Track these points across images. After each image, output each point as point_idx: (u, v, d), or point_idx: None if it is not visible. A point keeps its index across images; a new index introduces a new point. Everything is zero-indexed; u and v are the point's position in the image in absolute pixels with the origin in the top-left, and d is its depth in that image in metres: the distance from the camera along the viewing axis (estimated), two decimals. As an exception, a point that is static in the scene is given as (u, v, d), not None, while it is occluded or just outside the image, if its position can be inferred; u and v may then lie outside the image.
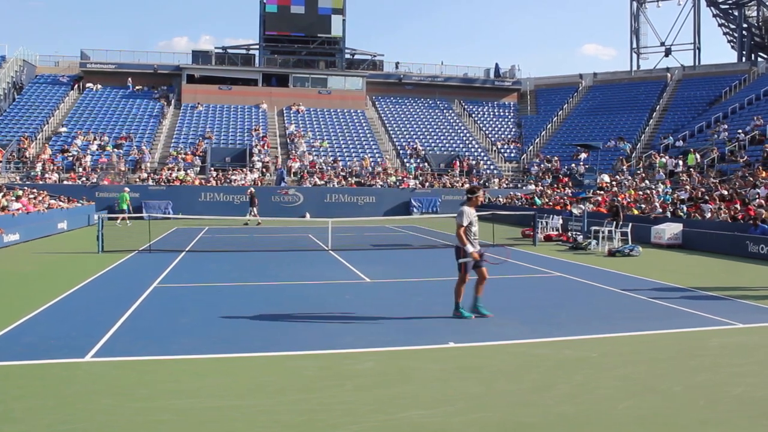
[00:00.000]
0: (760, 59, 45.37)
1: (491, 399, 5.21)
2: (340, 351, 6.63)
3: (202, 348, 6.71)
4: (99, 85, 41.91)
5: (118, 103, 40.34)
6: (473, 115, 45.72)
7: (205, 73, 43.18)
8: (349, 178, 34.30)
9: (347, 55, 46.63)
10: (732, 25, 47.92)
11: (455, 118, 44.87)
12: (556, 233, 20.58)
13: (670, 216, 20.10)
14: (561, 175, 35.43)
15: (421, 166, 37.43)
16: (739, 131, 29.13)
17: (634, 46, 48.44)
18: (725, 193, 20.65)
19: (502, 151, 41.32)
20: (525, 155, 40.79)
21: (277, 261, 14.42)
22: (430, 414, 4.86)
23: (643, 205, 22.44)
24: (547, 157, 38.89)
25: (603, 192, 26.45)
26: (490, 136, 43.17)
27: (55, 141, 34.89)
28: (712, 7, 47.27)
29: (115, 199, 28.75)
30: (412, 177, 35.25)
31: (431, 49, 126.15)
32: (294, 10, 44.38)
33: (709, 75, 42.96)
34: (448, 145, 40.92)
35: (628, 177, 30.07)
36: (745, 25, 45.52)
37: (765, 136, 27.49)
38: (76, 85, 41.57)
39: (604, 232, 17.93)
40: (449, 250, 17.68)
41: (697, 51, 46.20)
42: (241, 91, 42.70)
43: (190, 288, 10.78)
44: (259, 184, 32.37)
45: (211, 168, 33.74)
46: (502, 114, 46.70)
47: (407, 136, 41.19)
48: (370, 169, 35.54)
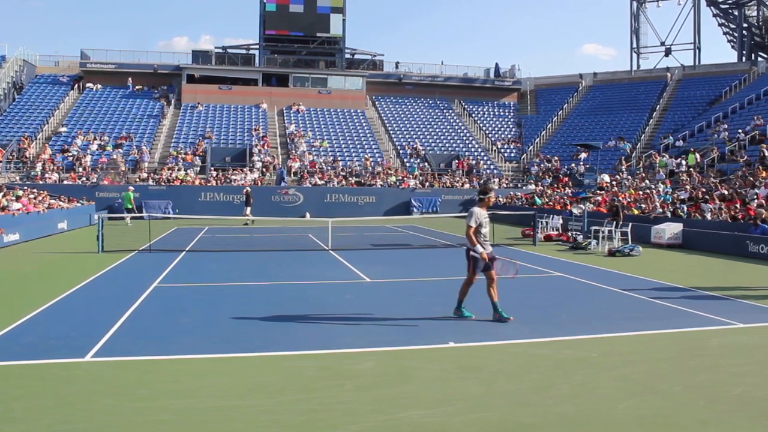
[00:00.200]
0: (760, 59, 45.34)
1: (491, 399, 5.22)
2: (340, 351, 6.63)
3: (202, 348, 6.72)
4: (99, 85, 41.90)
5: (118, 103, 40.33)
6: (473, 115, 45.70)
7: (205, 73, 43.17)
8: (350, 178, 34.30)
9: (347, 55, 46.60)
10: (732, 25, 47.90)
11: (455, 118, 44.86)
12: (556, 233, 20.58)
13: (670, 216, 20.11)
14: (561, 175, 35.41)
15: (421, 165, 37.44)
16: (739, 131, 29.13)
17: (634, 45, 48.40)
18: (725, 192, 20.65)
19: (502, 151, 41.31)
20: (525, 155, 40.77)
21: (277, 261, 14.42)
22: (430, 414, 4.87)
23: (643, 205, 22.45)
24: (547, 156, 38.87)
25: (603, 192, 26.44)
26: (490, 136, 43.16)
27: (55, 141, 34.88)
28: (712, 7, 47.24)
29: (115, 199, 28.81)
30: (412, 177, 35.23)
31: (431, 49, 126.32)
32: (293, 9, 44.30)
33: (709, 75, 42.93)
34: (448, 145, 40.91)
35: (628, 177, 30.06)
36: (745, 24, 45.49)
37: (765, 136, 27.48)
38: (76, 85, 41.54)
39: (604, 232, 17.94)
40: (449, 250, 17.79)
41: (697, 51, 46.17)
42: (241, 91, 42.68)
43: (190, 288, 10.78)
44: (259, 184, 32.40)
45: (211, 168, 33.73)
46: (502, 114, 46.68)
47: (407, 136, 41.18)
48: (371, 168, 35.55)
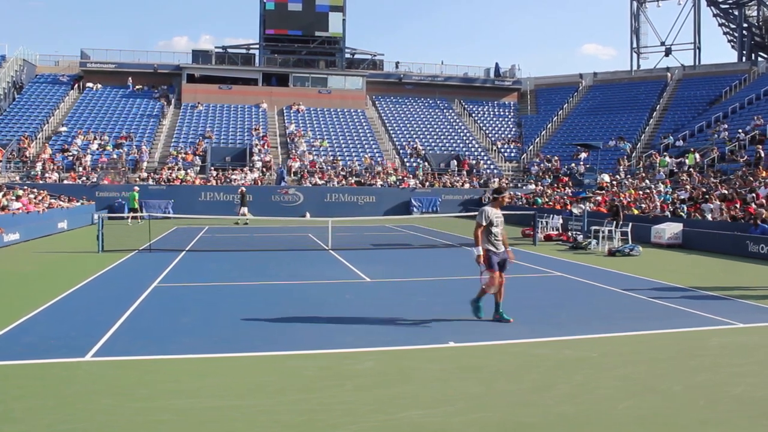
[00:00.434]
0: (760, 59, 45.31)
1: (491, 399, 5.21)
2: (340, 351, 6.63)
3: (202, 348, 6.72)
4: (99, 85, 41.89)
5: (118, 102, 40.32)
6: (473, 115, 45.68)
7: (205, 73, 43.16)
8: (350, 178, 34.29)
9: (347, 55, 46.56)
10: (732, 25, 47.87)
11: (455, 118, 44.84)
12: (556, 233, 20.59)
13: (670, 216, 20.10)
14: (561, 175, 35.40)
15: (419, 165, 37.40)
16: (740, 131, 29.13)
17: (634, 45, 48.37)
18: (725, 192, 20.64)
19: (503, 150, 41.29)
20: (525, 155, 40.75)
21: (277, 261, 14.42)
22: (430, 414, 4.86)
23: (644, 205, 22.44)
24: (547, 156, 38.85)
25: (603, 192, 26.42)
26: (491, 135, 43.14)
27: (55, 140, 34.87)
28: (712, 7, 47.21)
29: (114, 199, 28.86)
30: (412, 177, 35.21)
31: (431, 49, 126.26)
32: (292, 8, 44.21)
33: (709, 75, 42.91)
34: (448, 144, 40.89)
35: (628, 177, 30.05)
36: (745, 24, 45.46)
37: (765, 136, 27.47)
38: (76, 85, 41.53)
39: (604, 232, 17.93)
40: (449, 249, 17.81)
41: (697, 51, 46.14)
42: (241, 90, 42.66)
43: (190, 288, 10.78)
44: (260, 184, 32.40)
45: (212, 167, 33.72)
46: (502, 114, 46.66)
47: (407, 136, 41.16)
48: (376, 164, 35.51)
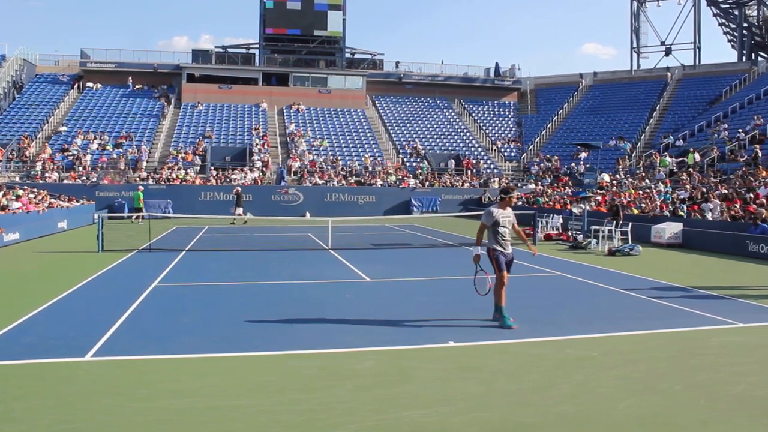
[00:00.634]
0: (760, 59, 45.28)
1: (491, 399, 5.21)
2: (340, 351, 6.63)
3: (202, 348, 6.71)
4: (99, 84, 41.88)
5: (118, 102, 40.30)
6: (473, 115, 45.68)
7: (205, 73, 43.14)
8: (349, 177, 34.28)
9: (347, 55, 46.54)
10: (732, 25, 47.85)
11: (455, 118, 44.83)
12: (557, 232, 20.59)
13: (669, 215, 20.10)
14: (561, 175, 35.40)
15: (420, 165, 37.41)
16: (740, 131, 29.12)
17: (634, 45, 48.35)
18: (726, 192, 20.64)
19: (503, 150, 41.28)
20: (525, 154, 40.74)
21: (277, 260, 14.41)
22: (430, 414, 4.86)
23: (644, 204, 22.43)
24: (547, 156, 38.85)
25: (603, 191, 26.43)
26: (491, 135, 43.13)
27: (55, 140, 34.86)
28: (713, 7, 47.18)
29: (114, 199, 28.88)
30: (412, 177, 35.20)
31: (431, 49, 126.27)
32: (290, 6, 44.12)
33: (710, 74, 42.89)
34: (448, 144, 40.89)
35: (628, 176, 30.04)
36: (745, 24, 45.44)
37: (765, 136, 27.47)
38: (76, 85, 41.51)
39: (604, 232, 17.92)
40: (449, 249, 17.81)
41: (697, 50, 46.11)
42: (241, 90, 42.65)
43: (190, 287, 10.77)
44: (259, 183, 32.40)
45: (211, 167, 33.71)
46: (502, 113, 46.65)
47: (407, 136, 41.16)
48: (371, 168, 35.51)
